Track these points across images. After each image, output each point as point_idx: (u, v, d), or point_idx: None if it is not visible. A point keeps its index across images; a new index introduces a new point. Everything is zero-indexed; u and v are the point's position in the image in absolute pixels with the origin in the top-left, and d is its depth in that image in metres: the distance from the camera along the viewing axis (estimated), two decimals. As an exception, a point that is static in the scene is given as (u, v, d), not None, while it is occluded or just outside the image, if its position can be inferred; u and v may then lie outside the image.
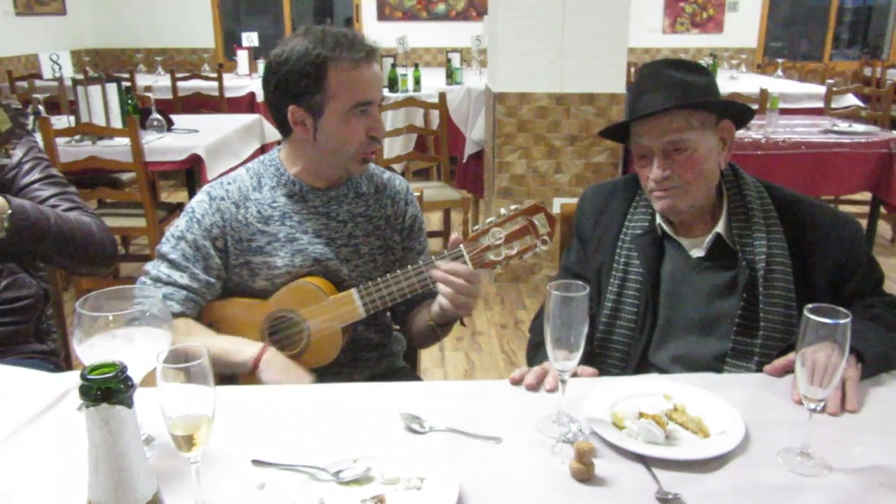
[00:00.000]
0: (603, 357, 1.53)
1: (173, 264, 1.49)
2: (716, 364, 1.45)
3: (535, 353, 1.57)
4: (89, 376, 0.68)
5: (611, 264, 1.54)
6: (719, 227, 1.46)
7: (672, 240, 1.51)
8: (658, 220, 1.52)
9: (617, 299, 1.52)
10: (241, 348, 1.44)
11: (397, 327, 1.78)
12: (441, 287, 1.41)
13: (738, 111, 1.45)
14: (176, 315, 1.45)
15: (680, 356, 1.48)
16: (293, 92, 1.44)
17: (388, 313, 1.71)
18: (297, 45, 1.42)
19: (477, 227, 1.43)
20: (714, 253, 1.47)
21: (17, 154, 1.65)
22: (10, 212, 1.45)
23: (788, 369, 1.29)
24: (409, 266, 1.46)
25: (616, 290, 1.52)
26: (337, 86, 1.42)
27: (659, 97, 1.39)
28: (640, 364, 1.50)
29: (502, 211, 1.43)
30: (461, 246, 1.42)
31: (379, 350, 1.67)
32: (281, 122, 1.50)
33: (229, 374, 1.45)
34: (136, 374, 0.97)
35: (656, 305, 1.50)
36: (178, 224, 1.52)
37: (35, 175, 1.65)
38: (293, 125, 1.48)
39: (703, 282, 1.48)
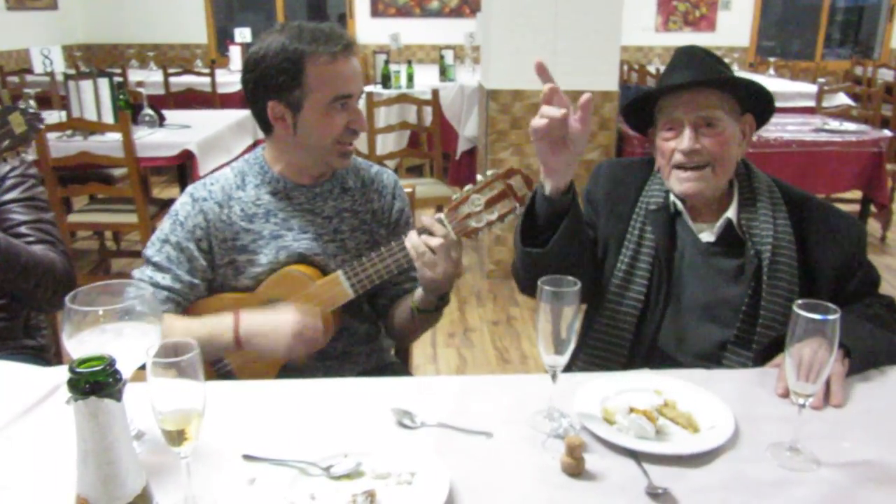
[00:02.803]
0: (609, 334, 1.53)
1: (157, 267, 1.49)
2: (717, 351, 1.46)
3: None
4: (77, 369, 0.67)
5: (624, 235, 1.55)
6: (730, 213, 1.48)
7: (683, 222, 1.53)
8: (672, 197, 1.53)
9: (628, 271, 1.52)
10: (219, 329, 1.42)
11: None
12: (412, 252, 1.40)
13: (764, 102, 1.51)
14: None
15: (684, 339, 1.49)
16: (272, 87, 1.44)
17: (370, 306, 1.70)
18: (273, 41, 1.43)
19: (456, 195, 1.42)
20: (723, 239, 1.49)
21: (6, 167, 1.62)
22: None
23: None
24: (393, 242, 1.47)
25: (628, 261, 1.53)
26: (315, 80, 1.42)
27: (697, 74, 1.44)
28: (646, 345, 1.50)
29: (479, 178, 1.43)
30: (442, 216, 1.41)
31: (369, 344, 1.67)
32: (262, 118, 1.51)
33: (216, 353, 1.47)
34: (126, 369, 0.97)
35: (668, 283, 1.51)
36: (163, 227, 1.52)
37: (15, 194, 1.62)
38: (273, 121, 1.48)
39: (710, 266, 1.49)
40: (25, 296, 1.57)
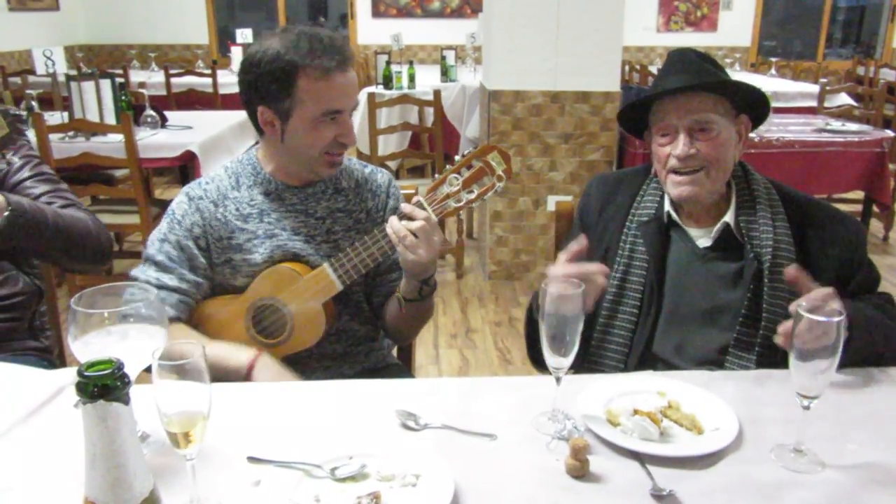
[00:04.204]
0: (604, 346, 1.53)
1: (160, 266, 1.49)
2: (718, 356, 1.46)
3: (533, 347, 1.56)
4: (86, 373, 0.67)
5: (615, 251, 1.55)
6: (728, 218, 1.48)
7: (679, 228, 1.52)
8: (666, 206, 1.53)
9: (620, 285, 1.52)
10: (235, 353, 1.43)
11: None
12: (393, 238, 1.41)
13: (760, 103, 1.50)
14: (172, 320, 1.44)
15: (683, 346, 1.49)
16: (263, 93, 1.45)
17: (368, 305, 1.70)
18: (270, 46, 1.42)
19: (435, 176, 1.43)
20: (721, 244, 1.49)
21: (14, 156, 1.64)
22: (9, 209, 1.43)
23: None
24: (376, 230, 1.47)
25: (620, 276, 1.52)
26: (306, 93, 1.42)
27: (689, 78, 1.43)
28: (643, 354, 1.50)
29: (456, 158, 1.43)
30: (421, 199, 1.42)
31: (368, 343, 1.68)
32: (254, 120, 1.52)
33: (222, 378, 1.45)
34: (131, 371, 0.97)
35: (661, 294, 1.51)
36: (161, 227, 1.53)
37: (25, 173, 1.64)
38: (262, 125, 1.50)
39: (708, 272, 1.49)
40: (65, 259, 1.61)
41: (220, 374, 1.42)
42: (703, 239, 1.50)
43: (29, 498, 0.99)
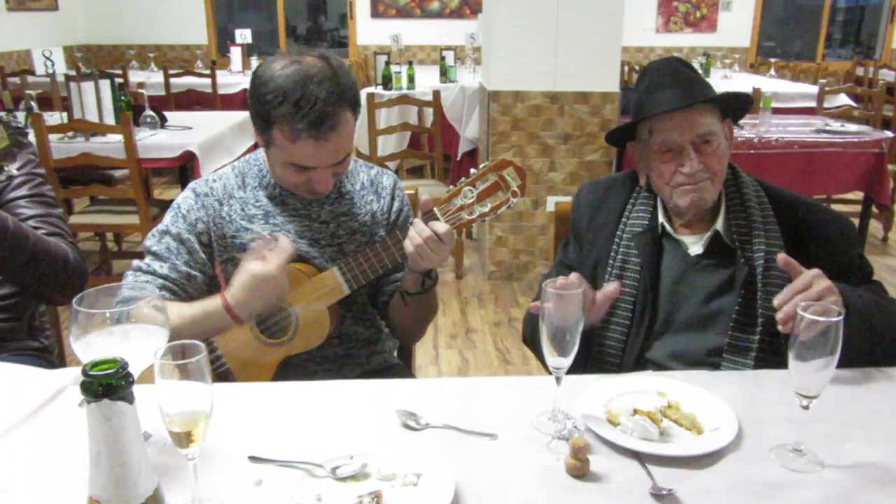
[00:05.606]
0: (598, 353, 1.53)
1: (156, 256, 1.51)
2: (712, 360, 1.46)
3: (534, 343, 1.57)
4: (90, 372, 0.68)
5: (606, 260, 1.55)
6: (718, 225, 1.48)
7: (671, 238, 1.53)
8: (660, 217, 1.53)
9: None
10: (211, 305, 1.43)
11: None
12: (412, 245, 1.40)
13: (741, 107, 1.52)
14: None
15: (677, 352, 1.49)
16: (252, 118, 1.47)
17: (373, 308, 1.71)
18: (266, 82, 1.40)
19: (449, 188, 1.44)
20: (712, 251, 1.49)
21: (12, 167, 1.64)
22: None
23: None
24: (388, 237, 1.48)
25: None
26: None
27: (682, 92, 1.43)
28: (637, 360, 1.51)
29: (472, 170, 1.44)
30: (435, 209, 1.42)
31: (369, 346, 1.68)
32: None
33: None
34: (132, 371, 0.97)
35: (655, 303, 1.51)
36: (164, 220, 1.54)
37: (23, 191, 1.63)
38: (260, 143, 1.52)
39: (701, 280, 1.49)
40: (35, 285, 1.57)
41: (217, 330, 1.47)
42: (694, 246, 1.50)
43: (31, 498, 0.99)
